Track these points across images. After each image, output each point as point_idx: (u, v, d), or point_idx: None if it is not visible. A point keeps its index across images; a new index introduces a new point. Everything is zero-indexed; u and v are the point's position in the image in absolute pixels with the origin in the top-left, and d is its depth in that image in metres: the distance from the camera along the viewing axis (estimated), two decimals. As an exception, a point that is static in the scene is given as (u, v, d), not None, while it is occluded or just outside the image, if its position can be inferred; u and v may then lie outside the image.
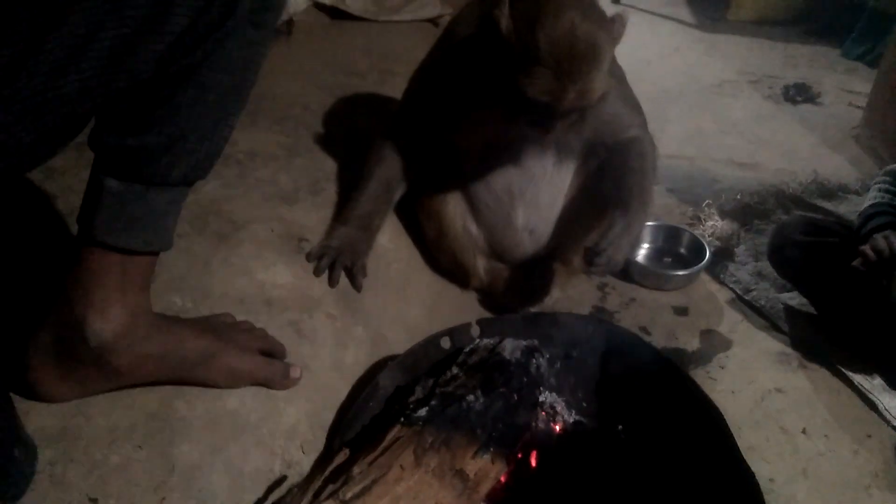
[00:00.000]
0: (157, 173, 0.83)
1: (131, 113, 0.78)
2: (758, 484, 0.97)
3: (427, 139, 1.46)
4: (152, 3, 0.67)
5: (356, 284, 1.32)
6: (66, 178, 1.27)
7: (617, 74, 1.40)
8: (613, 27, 1.19)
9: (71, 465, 0.86)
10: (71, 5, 0.63)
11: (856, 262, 1.36)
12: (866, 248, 1.34)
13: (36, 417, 0.90)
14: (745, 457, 1.02)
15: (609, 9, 1.39)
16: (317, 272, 1.29)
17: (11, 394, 0.89)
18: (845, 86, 3.22)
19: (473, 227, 1.58)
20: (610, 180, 1.43)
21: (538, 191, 1.52)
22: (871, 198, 1.48)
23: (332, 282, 1.29)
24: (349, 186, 1.48)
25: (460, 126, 1.40)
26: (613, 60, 1.35)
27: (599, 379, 1.22)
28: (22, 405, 0.90)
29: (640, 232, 1.45)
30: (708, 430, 1.08)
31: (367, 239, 1.39)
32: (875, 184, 1.52)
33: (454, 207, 1.55)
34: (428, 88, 1.44)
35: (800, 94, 3.08)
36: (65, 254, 0.89)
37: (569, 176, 1.53)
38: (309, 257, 1.30)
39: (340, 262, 1.31)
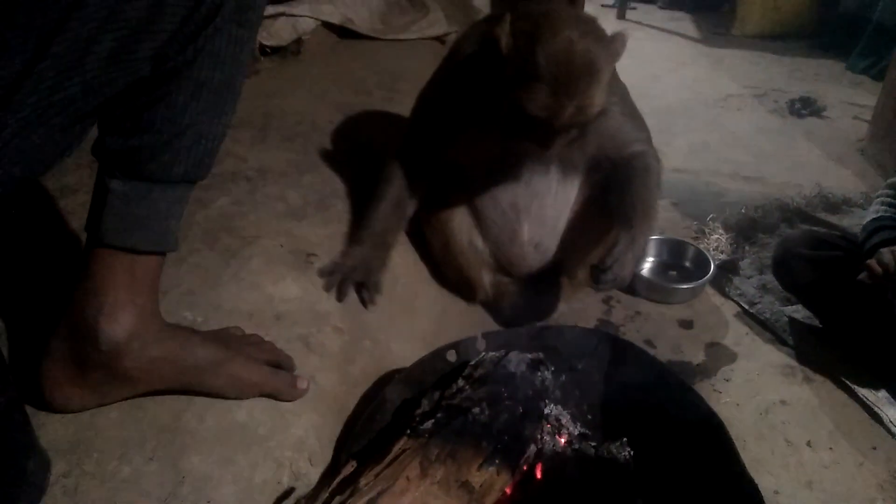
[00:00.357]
0: (159, 170, 0.86)
1: (131, 114, 0.82)
2: (761, 496, 0.98)
3: (434, 156, 1.48)
4: (147, 4, 0.71)
5: (365, 300, 1.34)
6: (80, 195, 1.30)
7: (620, 90, 1.42)
8: (613, 45, 1.21)
9: (83, 477, 0.88)
10: (71, 12, 0.66)
11: (862, 276, 1.37)
12: (872, 263, 1.35)
13: (49, 430, 0.92)
14: (749, 469, 1.03)
15: (615, 25, 1.43)
16: (326, 288, 1.31)
17: (26, 406, 0.91)
18: (850, 99, 3.23)
19: (479, 242, 1.60)
20: (614, 196, 1.44)
21: (543, 206, 1.53)
22: (873, 211, 1.49)
23: (339, 297, 1.31)
24: (359, 204, 1.50)
25: (465, 143, 1.42)
26: (616, 77, 1.37)
27: (604, 391, 1.23)
28: (36, 418, 0.92)
29: (645, 247, 1.46)
30: (711, 443, 1.08)
31: (380, 257, 1.42)
32: (877, 197, 1.53)
33: (460, 222, 1.57)
34: (434, 107, 1.47)
35: (805, 107, 3.09)
36: (76, 265, 0.92)
37: (574, 191, 1.54)
38: (321, 273, 1.32)
39: (351, 278, 1.33)
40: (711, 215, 2.06)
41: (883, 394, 1.40)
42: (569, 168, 1.50)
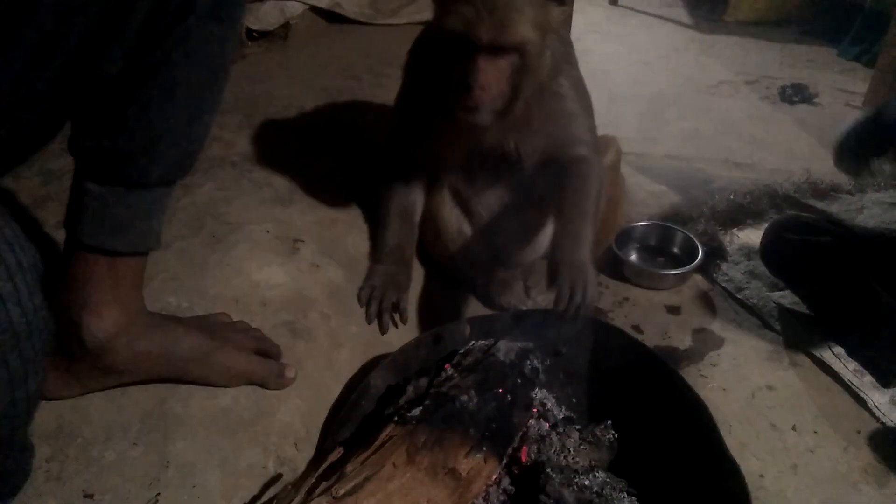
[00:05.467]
0: (136, 174, 0.84)
1: (104, 114, 0.80)
2: (744, 478, 0.98)
3: (419, 153, 1.48)
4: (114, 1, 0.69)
5: (404, 319, 1.38)
6: (64, 181, 1.28)
7: (574, 77, 1.40)
8: None
9: (67, 462, 0.88)
10: (35, 5, 0.64)
11: None
12: None
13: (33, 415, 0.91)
14: (735, 453, 1.03)
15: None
16: (368, 320, 1.34)
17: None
18: (842, 86, 3.23)
19: (469, 231, 1.59)
20: (556, 210, 1.41)
21: (527, 199, 1.53)
22: None
23: (382, 330, 1.35)
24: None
25: (438, 136, 1.42)
26: (574, 63, 1.38)
27: (589, 375, 1.23)
28: (19, 404, 0.91)
29: (590, 248, 1.33)
30: (695, 426, 1.09)
31: (404, 271, 1.44)
32: None
33: (450, 210, 1.57)
34: (405, 107, 1.47)
35: (796, 94, 3.09)
36: (60, 255, 0.91)
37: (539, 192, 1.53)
38: (360, 301, 1.36)
39: (387, 300, 1.36)
40: (700, 201, 2.06)
41: (868, 379, 1.41)
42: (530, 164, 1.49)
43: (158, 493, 0.88)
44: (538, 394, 1.14)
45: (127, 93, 0.78)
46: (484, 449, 0.97)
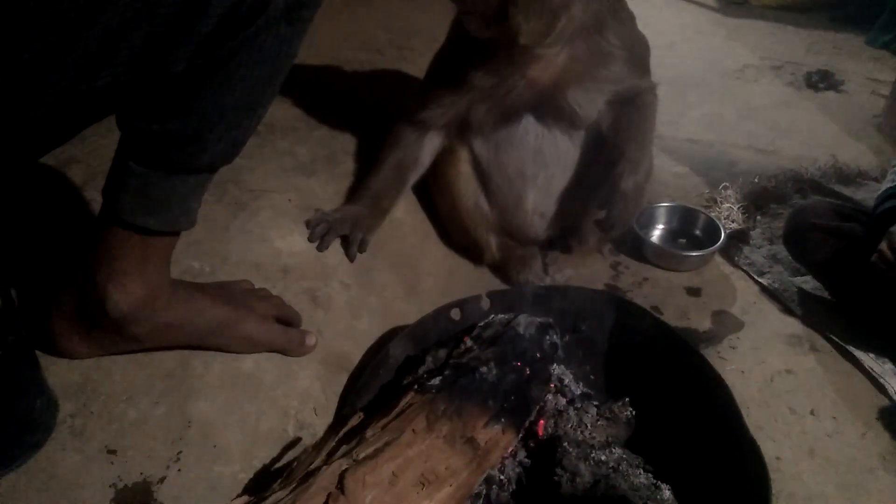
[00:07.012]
0: (182, 160, 0.83)
1: (158, 99, 0.78)
2: (764, 459, 0.98)
3: (445, 114, 1.46)
4: (184, 2, 0.67)
5: (349, 254, 1.33)
6: (90, 142, 1.29)
7: (629, 41, 1.41)
8: None
9: (90, 418, 0.89)
10: (103, 4, 0.63)
11: (874, 259, 1.34)
12: (883, 247, 1.32)
13: (57, 372, 0.93)
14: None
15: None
16: (310, 238, 1.29)
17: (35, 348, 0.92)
18: (869, 74, 3.17)
19: (485, 206, 1.58)
20: (610, 131, 1.46)
21: (550, 176, 1.52)
22: (888, 181, 1.47)
23: (321, 246, 1.29)
24: (366, 163, 1.49)
25: (470, 98, 1.40)
26: (626, 21, 1.39)
27: (607, 352, 1.23)
28: (44, 360, 0.92)
29: (645, 181, 1.47)
30: (715, 404, 1.08)
31: (373, 216, 1.40)
32: (893, 166, 1.51)
33: (466, 185, 1.55)
34: (442, 65, 1.45)
35: (822, 81, 3.04)
36: (88, 221, 0.92)
37: (578, 154, 1.52)
38: (308, 223, 1.31)
39: (336, 230, 1.31)
40: (724, 184, 2.03)
41: (889, 366, 1.39)
42: (575, 136, 1.48)
43: (180, 452, 0.89)
44: (556, 369, 1.14)
45: (185, 85, 0.76)
46: (502, 420, 0.97)
